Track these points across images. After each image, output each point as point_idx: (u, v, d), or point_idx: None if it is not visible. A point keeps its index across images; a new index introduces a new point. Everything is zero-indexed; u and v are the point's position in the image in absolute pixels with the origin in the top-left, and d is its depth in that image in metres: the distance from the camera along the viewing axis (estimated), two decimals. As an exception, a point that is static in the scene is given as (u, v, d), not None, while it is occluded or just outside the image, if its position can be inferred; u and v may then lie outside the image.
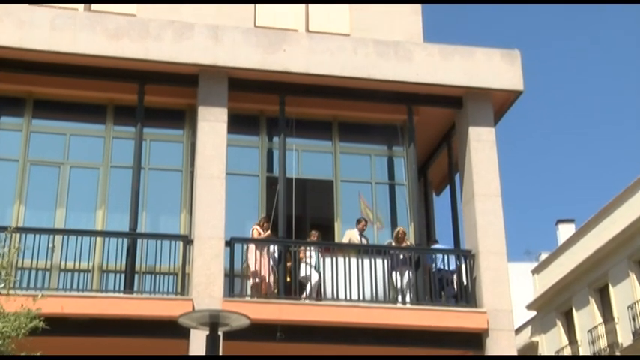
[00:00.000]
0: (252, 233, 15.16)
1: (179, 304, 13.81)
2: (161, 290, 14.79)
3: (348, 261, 15.10)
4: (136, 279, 14.70)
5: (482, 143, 16.30)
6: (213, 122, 15.41)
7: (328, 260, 15.12)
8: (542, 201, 74.55)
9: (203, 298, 14.09)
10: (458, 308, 15.23)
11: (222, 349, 10.54)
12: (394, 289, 15.43)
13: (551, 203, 73.10)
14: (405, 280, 15.41)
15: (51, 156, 15.87)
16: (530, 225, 71.36)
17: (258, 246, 14.95)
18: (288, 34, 16.23)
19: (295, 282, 15.11)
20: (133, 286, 14.54)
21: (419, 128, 16.98)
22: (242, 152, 16.47)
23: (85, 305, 13.84)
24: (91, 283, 14.82)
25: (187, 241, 14.85)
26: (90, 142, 16.11)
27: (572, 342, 31.86)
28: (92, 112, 16.29)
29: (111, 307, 13.90)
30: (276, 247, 15.22)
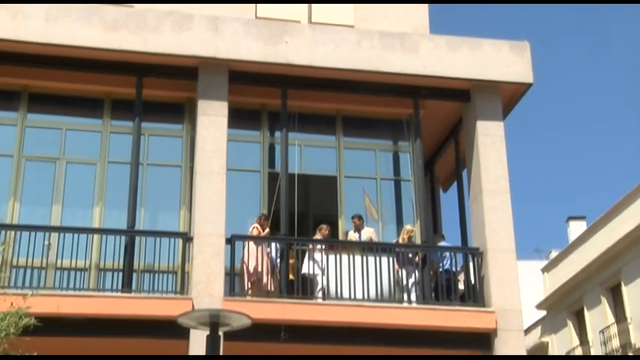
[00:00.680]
0: (252, 232, 15.17)
1: (178, 303, 13.84)
2: (160, 289, 14.81)
3: (352, 259, 15.12)
4: (134, 278, 14.72)
5: (490, 138, 16.30)
6: (213, 116, 15.43)
7: (332, 258, 15.13)
8: (552, 197, 74.57)
9: (203, 298, 14.11)
10: (465, 308, 15.24)
11: (222, 350, 10.57)
12: (400, 287, 15.44)
13: (562, 199, 73.12)
14: (411, 279, 15.41)
15: (46, 151, 15.89)
16: (540, 222, 71.40)
17: (255, 244, 14.95)
18: (291, 26, 16.23)
19: (298, 280, 15.12)
20: (131, 285, 14.56)
21: (425, 122, 16.98)
22: (243, 147, 16.49)
23: (81, 305, 13.86)
24: (87, 282, 14.84)
25: (187, 238, 14.87)
26: (86, 137, 16.13)
27: (584, 343, 31.83)
28: (89, 106, 16.31)
29: (108, 306, 13.92)
30: (277, 245, 15.23)
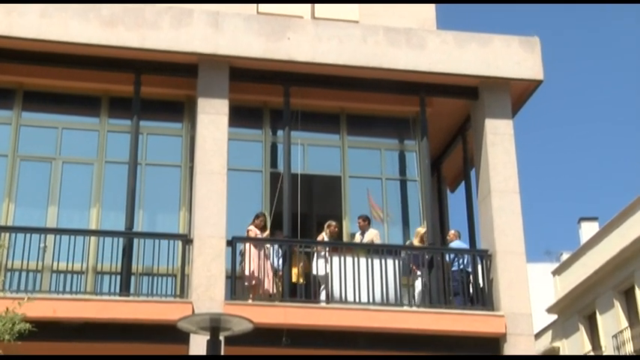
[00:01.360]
0: (248, 235, 15.18)
1: (178, 307, 13.86)
2: (159, 293, 14.83)
3: (357, 261, 15.14)
4: (132, 281, 14.74)
5: (499, 136, 16.31)
6: (213, 115, 15.45)
7: (336, 260, 15.15)
8: (563, 198, 74.56)
9: (203, 301, 14.14)
10: (474, 312, 15.24)
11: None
12: (408, 290, 15.46)
13: (573, 200, 73.13)
14: (419, 281, 15.43)
15: (42, 151, 15.93)
16: (551, 223, 71.41)
17: (254, 247, 14.96)
18: (293, 21, 16.25)
19: (310, 283, 15.12)
20: (129, 288, 14.58)
21: (432, 120, 17.00)
22: (244, 146, 16.51)
23: (78, 309, 13.88)
24: (84, 286, 14.86)
25: (186, 240, 14.89)
26: (83, 136, 16.16)
27: (596, 348, 31.83)
28: (86, 104, 16.35)
29: (106, 310, 13.94)
30: (278, 247, 15.25)
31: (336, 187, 16.71)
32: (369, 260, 15.16)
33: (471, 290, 15.79)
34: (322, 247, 15.34)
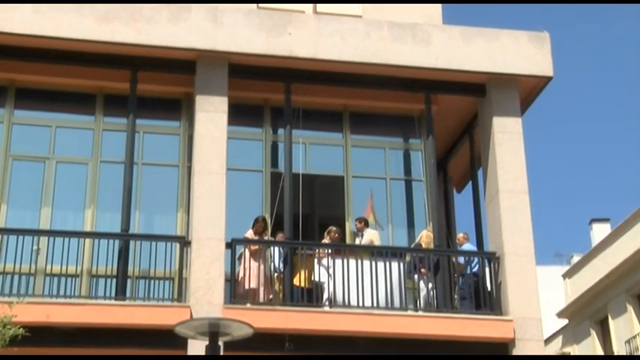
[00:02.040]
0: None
1: (175, 311, 13.89)
2: (156, 297, 14.83)
3: (360, 264, 15.16)
4: (128, 284, 14.79)
5: (507, 135, 16.34)
6: (212, 113, 15.48)
7: (339, 263, 15.17)
8: (574, 198, 74.46)
9: (202, 305, 14.17)
10: (481, 316, 15.26)
11: (222, 361, 10.62)
12: (414, 294, 15.49)
13: (584, 200, 72.99)
14: (427, 285, 15.45)
15: (35, 150, 15.96)
16: (561, 224, 71.27)
17: (251, 254, 14.98)
18: (295, 16, 16.28)
19: (316, 288, 15.13)
20: (125, 292, 14.62)
21: (438, 119, 17.02)
22: (244, 145, 16.54)
23: (72, 313, 13.91)
24: (79, 289, 14.89)
25: (184, 242, 14.93)
26: (78, 135, 16.19)
27: (608, 353, 31.82)
28: (80, 102, 16.38)
29: (101, 315, 13.97)
30: (279, 249, 15.28)
31: (339, 188, 16.73)
32: (373, 263, 15.19)
33: (462, 288, 15.81)
34: (319, 253, 15.32)
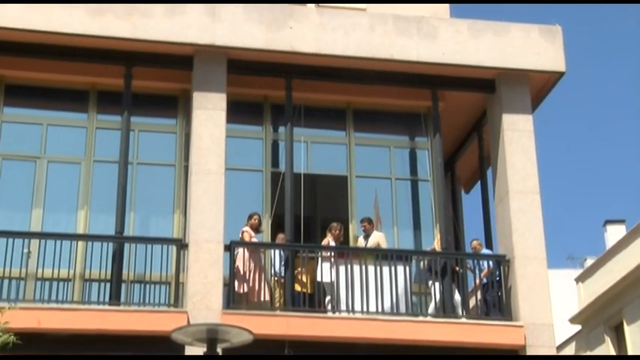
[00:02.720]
0: (243, 237, 15.17)
1: (172, 317, 13.87)
2: (152, 301, 14.85)
3: (364, 268, 15.13)
4: (122, 289, 14.77)
5: (517, 133, 16.31)
6: (210, 110, 15.47)
7: (342, 267, 15.14)
8: (587, 199, 74.47)
9: (199, 311, 14.16)
10: (491, 322, 15.24)
11: (220, 369, 10.58)
12: (425, 299, 15.47)
13: (598, 201, 73.00)
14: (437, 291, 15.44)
15: (25, 149, 15.96)
16: (574, 226, 71.29)
17: (250, 251, 14.97)
18: (296, 9, 16.26)
19: (318, 292, 15.11)
20: (119, 297, 14.60)
21: (445, 116, 17.00)
22: (243, 144, 16.54)
23: (64, 319, 13.91)
24: (71, 294, 14.89)
25: (181, 245, 14.91)
26: (70, 133, 16.19)
27: (623, 360, 31.79)
28: (72, 99, 16.38)
29: (94, 321, 13.97)
30: (279, 252, 15.26)
31: (342, 188, 16.71)
32: (378, 266, 15.16)
33: (487, 298, 15.80)
34: (327, 253, 15.31)
